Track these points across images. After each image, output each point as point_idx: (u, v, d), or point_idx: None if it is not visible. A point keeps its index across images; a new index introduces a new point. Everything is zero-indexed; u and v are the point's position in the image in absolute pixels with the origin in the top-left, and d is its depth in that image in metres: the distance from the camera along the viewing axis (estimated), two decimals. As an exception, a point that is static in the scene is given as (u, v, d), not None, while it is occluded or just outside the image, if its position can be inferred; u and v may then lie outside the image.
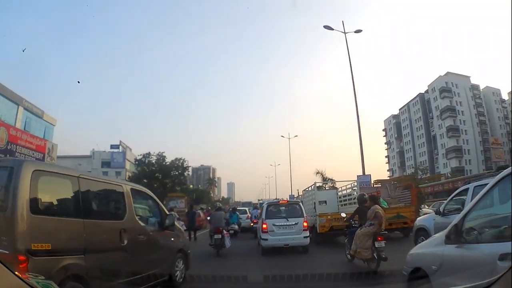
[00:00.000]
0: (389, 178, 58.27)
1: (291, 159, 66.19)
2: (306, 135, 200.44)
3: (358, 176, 17.87)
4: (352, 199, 12.58)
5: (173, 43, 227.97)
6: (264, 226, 10.86)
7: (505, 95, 75.18)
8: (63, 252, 3.81)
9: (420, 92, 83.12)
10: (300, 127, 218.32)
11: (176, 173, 47.49)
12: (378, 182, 18.50)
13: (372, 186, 16.78)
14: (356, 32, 20.87)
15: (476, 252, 2.81)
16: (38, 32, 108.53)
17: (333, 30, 20.32)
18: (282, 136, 50.92)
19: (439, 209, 8.61)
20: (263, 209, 11.93)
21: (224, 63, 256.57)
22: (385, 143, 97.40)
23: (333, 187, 18.11)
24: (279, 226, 10.78)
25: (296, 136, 57.82)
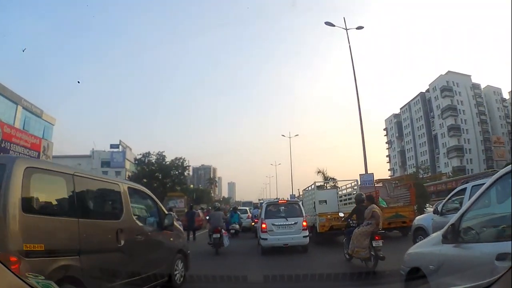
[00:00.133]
0: (390, 177, 58.56)
1: (292, 159, 65.94)
2: (307, 134, 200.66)
3: (360, 175, 17.78)
4: (352, 199, 12.48)
5: (173, 43, 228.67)
6: (263, 226, 10.88)
7: (506, 94, 75.20)
8: (57, 253, 3.67)
9: (421, 91, 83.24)
10: (300, 126, 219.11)
11: (176, 172, 47.31)
12: (379, 181, 18.52)
13: (374, 185, 16.80)
14: (358, 28, 20.73)
15: (474, 252, 2.79)
16: (38, 32, 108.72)
17: (334, 26, 20.22)
18: (283, 135, 50.87)
19: (437, 208, 8.66)
20: (262, 208, 11.97)
21: (224, 63, 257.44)
22: (386, 143, 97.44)
23: (334, 187, 17.93)
24: (279, 226, 10.78)
25: (296, 135, 57.91)
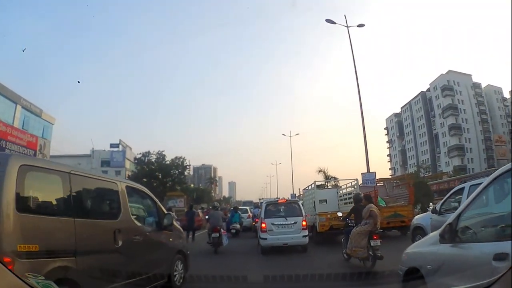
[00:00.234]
0: (391, 176, 58.40)
1: (292, 158, 66.10)
2: (307, 134, 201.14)
3: (362, 174, 17.65)
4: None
5: (173, 43, 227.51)
6: (263, 226, 10.88)
7: (506, 93, 75.07)
8: (52, 254, 3.54)
9: (422, 91, 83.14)
10: (301, 126, 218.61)
11: (176, 172, 47.05)
12: (380, 180, 18.46)
13: (376, 184, 16.75)
14: (359, 26, 20.60)
15: (471, 252, 2.76)
16: (38, 32, 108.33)
17: (335, 24, 20.09)
18: (283, 134, 50.84)
19: (435, 208, 8.69)
20: (262, 208, 11.99)
21: (224, 63, 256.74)
22: (387, 142, 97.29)
23: (335, 186, 17.77)
24: (278, 226, 10.78)
25: (297, 134, 57.82)
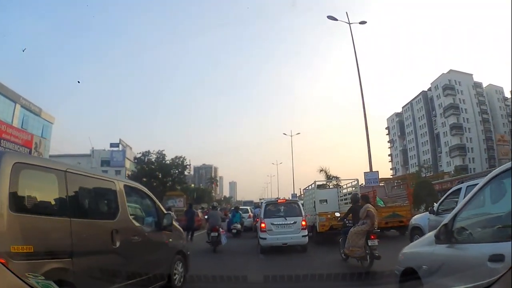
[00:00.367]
0: (392, 176, 58.23)
1: (293, 158, 65.76)
2: (308, 133, 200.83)
3: (365, 173, 17.50)
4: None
5: (173, 43, 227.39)
6: (262, 225, 10.93)
7: (508, 93, 74.73)
8: (48, 255, 3.40)
9: (423, 90, 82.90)
10: (301, 126, 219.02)
11: (176, 171, 46.87)
12: (380, 180, 18.33)
13: (379, 183, 16.70)
14: (361, 23, 20.46)
15: (467, 253, 2.76)
16: (38, 32, 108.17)
17: (337, 20, 19.89)
18: (284, 133, 50.70)
19: (432, 208, 8.76)
20: (261, 208, 12.02)
21: (224, 63, 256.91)
22: (388, 142, 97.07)
23: (337, 185, 17.64)
24: (278, 225, 10.82)
25: (298, 133, 57.59)
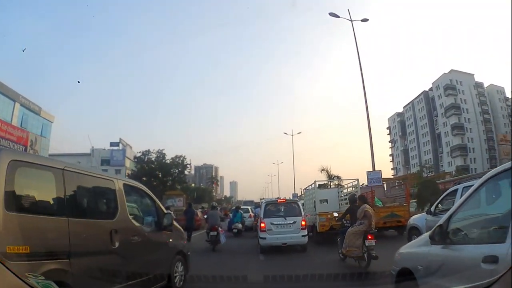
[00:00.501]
0: (393, 176, 58.01)
1: (294, 157, 65.08)
2: (308, 133, 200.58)
3: (368, 172, 17.47)
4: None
5: (173, 43, 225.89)
6: (262, 225, 10.97)
7: (509, 93, 74.55)
8: (45, 256, 3.31)
9: (424, 90, 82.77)
10: (302, 125, 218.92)
11: (176, 171, 46.73)
12: (382, 180, 18.24)
13: (382, 183, 16.71)
14: (363, 20, 20.28)
15: (461, 253, 2.78)
16: (38, 32, 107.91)
17: (339, 17, 19.76)
18: (285, 133, 50.56)
19: (430, 209, 8.82)
20: (261, 208, 12.05)
21: (224, 63, 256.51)
22: (389, 142, 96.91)
23: (338, 185, 17.55)
24: (277, 225, 10.86)
25: (299, 133, 57.39)
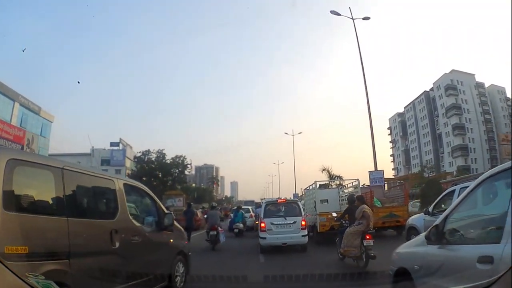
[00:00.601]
0: (394, 176, 57.92)
1: (295, 157, 65.01)
2: (309, 133, 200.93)
3: (370, 172, 17.46)
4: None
5: (173, 43, 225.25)
6: (262, 225, 11.02)
7: (510, 93, 74.44)
8: (43, 256, 3.26)
9: (425, 90, 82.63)
10: (302, 125, 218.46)
11: (177, 171, 46.67)
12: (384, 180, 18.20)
13: (384, 183, 16.75)
14: (364, 19, 20.28)
15: (457, 253, 2.80)
16: (38, 32, 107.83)
17: (340, 15, 19.73)
18: (286, 133, 50.41)
19: (427, 209, 8.90)
20: (261, 208, 12.08)
21: (224, 63, 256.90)
22: (390, 142, 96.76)
23: (339, 185, 17.50)
24: (277, 225, 10.89)
25: (300, 133, 57.24)
